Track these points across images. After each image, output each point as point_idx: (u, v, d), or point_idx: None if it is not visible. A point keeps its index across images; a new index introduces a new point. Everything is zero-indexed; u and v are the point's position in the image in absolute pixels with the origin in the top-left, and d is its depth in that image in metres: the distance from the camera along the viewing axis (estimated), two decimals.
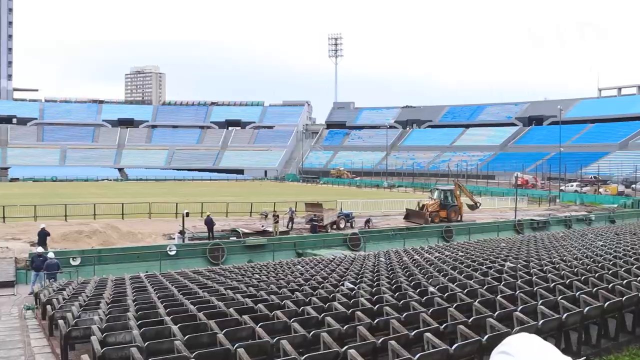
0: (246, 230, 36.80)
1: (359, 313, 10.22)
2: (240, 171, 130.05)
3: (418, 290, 12.80)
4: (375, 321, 9.64)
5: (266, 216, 44.29)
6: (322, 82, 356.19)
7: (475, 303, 10.35)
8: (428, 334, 8.10)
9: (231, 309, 11.16)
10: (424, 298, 11.53)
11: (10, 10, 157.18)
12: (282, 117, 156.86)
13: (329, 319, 9.83)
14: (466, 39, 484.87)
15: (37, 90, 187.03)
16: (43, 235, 30.25)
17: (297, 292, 13.47)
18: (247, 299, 12.64)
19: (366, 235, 36.16)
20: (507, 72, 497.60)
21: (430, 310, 10.14)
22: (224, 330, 9.17)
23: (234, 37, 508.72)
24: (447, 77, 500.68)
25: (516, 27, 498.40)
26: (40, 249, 26.00)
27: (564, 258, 17.79)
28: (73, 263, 26.84)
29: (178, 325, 9.78)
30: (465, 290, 12.01)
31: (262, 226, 39.24)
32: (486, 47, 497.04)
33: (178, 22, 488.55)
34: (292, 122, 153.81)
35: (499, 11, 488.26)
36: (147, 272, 22.22)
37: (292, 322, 9.73)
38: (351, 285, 14.51)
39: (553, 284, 12.09)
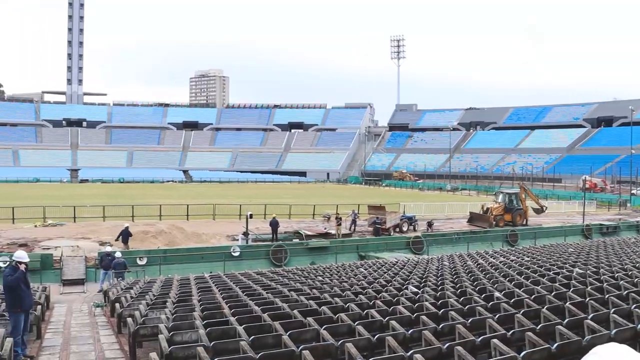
0: (309, 233, 36.92)
1: (423, 317, 10.11)
2: (302, 173, 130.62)
3: (483, 295, 12.58)
4: (440, 326, 9.50)
5: (329, 218, 44.41)
6: (384, 84, 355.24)
7: (544, 310, 10.10)
8: (495, 340, 7.93)
9: (295, 311, 11.19)
10: (490, 303, 11.32)
11: (82, 18, 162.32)
12: (345, 120, 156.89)
13: (393, 322, 9.75)
14: (529, 38, 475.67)
15: (105, 94, 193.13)
16: (126, 234, 31.33)
17: (360, 295, 13.41)
18: (310, 301, 12.65)
19: (429, 239, 35.84)
20: (573, 72, 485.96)
21: (496, 316, 9.94)
22: (289, 332, 9.19)
23: (296, 39, 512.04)
24: (511, 77, 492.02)
25: (583, 25, 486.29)
26: (108, 248, 26.64)
27: (637, 265, 17.20)
28: (139, 262, 27.46)
29: (243, 326, 9.85)
30: (533, 297, 11.74)
31: (325, 228, 39.30)
32: (549, 46, 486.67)
33: (241, 25, 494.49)
34: (354, 124, 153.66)
35: (561, 9, 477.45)
36: (211, 272, 22.55)
37: (357, 325, 9.68)
38: (415, 289, 14.39)
39: (626, 291, 11.66)
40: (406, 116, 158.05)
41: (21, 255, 11.62)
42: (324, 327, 9.49)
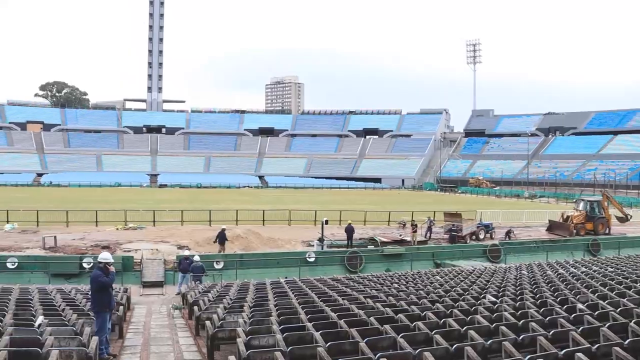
0: (384, 239, 36.75)
1: (503, 328, 9.90)
2: (377, 180, 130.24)
3: (565, 306, 12.21)
4: (521, 337, 9.28)
5: (404, 225, 44.10)
6: (460, 90, 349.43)
7: (632, 324, 9.72)
8: (580, 354, 7.68)
9: (372, 318, 11.14)
10: (572, 315, 10.98)
11: (161, 28, 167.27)
12: (420, 126, 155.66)
13: (471, 332, 9.59)
14: (611, 39, 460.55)
15: (184, 101, 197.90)
16: (222, 237, 32.28)
17: (437, 304, 13.24)
18: (387, 309, 12.58)
19: (507, 247, 35.11)
20: None
21: (580, 329, 9.64)
22: (365, 339, 9.15)
23: (370, 45, 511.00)
24: (591, 80, 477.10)
25: None
26: (186, 252, 27.16)
27: None
28: (216, 266, 27.90)
29: (320, 332, 9.87)
30: (619, 309, 11.31)
31: (400, 235, 39.03)
32: (634, 47, 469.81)
33: (316, 32, 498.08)
34: (429, 130, 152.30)
35: None
36: (286, 277, 22.67)
37: (434, 333, 9.56)
38: (493, 299, 14.11)
39: None
40: (482, 122, 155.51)
41: (108, 257, 12.04)
42: (401, 335, 9.41)
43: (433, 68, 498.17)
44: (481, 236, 40.01)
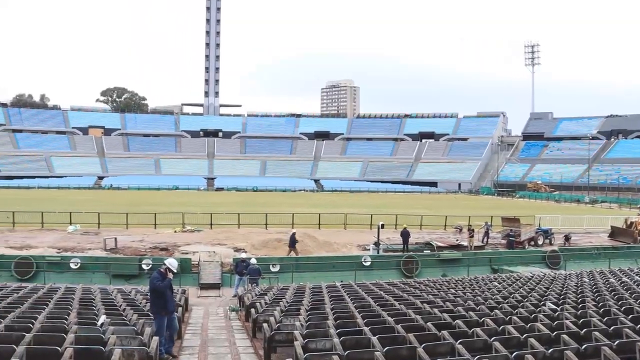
0: (440, 244, 36.40)
1: (564, 336, 9.67)
2: (433, 184, 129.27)
3: (630, 316, 11.84)
4: (584, 347, 9.03)
5: (461, 230, 43.64)
6: (517, 92, 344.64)
7: None
8: None
9: (429, 323, 11.03)
10: (639, 325, 10.66)
11: (218, 33, 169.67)
12: (477, 129, 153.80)
13: (532, 340, 9.40)
14: None
15: (240, 105, 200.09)
16: (293, 240, 32.75)
17: (495, 310, 13.03)
18: (444, 314, 12.44)
19: (566, 254, 34.35)
20: None
21: None
22: (423, 345, 9.07)
23: (426, 48, 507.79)
24: None
25: None
26: (243, 255, 27.40)
27: None
28: (272, 269, 28.02)
29: (377, 337, 9.82)
30: None
31: (457, 240, 38.62)
32: None
33: (372, 35, 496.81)
34: (486, 133, 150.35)
35: None
36: (342, 281, 22.65)
37: (493, 340, 9.41)
38: (553, 306, 13.81)
39: None
40: (541, 125, 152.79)
41: (174, 264, 12.24)
42: (459, 341, 9.29)
43: (490, 70, 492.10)
44: (540, 242, 39.27)
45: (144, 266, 27.11)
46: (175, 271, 12.35)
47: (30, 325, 10.70)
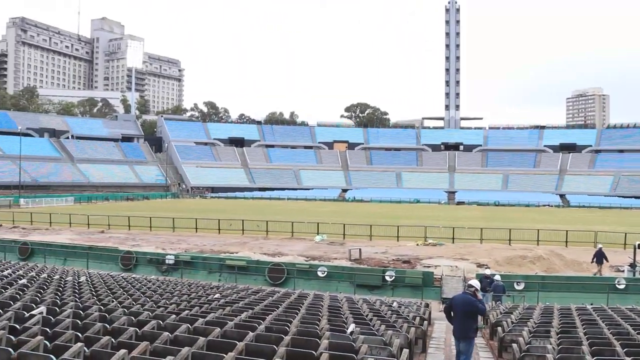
0: None
1: None
2: None
3: None
4: None
5: None
6: None
7: None
8: None
9: None
10: None
11: (457, 46, 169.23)
12: None
13: None
14: None
15: (481, 118, 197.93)
16: (600, 255, 32.37)
17: None
18: None
19: None
20: None
21: None
22: None
23: None
24: None
25: None
26: (487, 271, 26.94)
27: None
28: (517, 287, 27.19)
29: None
30: None
31: None
32: None
33: (625, 37, 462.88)
34: None
35: None
36: (592, 304, 21.35)
37: None
38: None
39: None
40: None
41: (477, 284, 12.32)
42: None
43: None
44: None
45: (387, 277, 27.74)
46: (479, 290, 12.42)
47: (287, 328, 11.45)
